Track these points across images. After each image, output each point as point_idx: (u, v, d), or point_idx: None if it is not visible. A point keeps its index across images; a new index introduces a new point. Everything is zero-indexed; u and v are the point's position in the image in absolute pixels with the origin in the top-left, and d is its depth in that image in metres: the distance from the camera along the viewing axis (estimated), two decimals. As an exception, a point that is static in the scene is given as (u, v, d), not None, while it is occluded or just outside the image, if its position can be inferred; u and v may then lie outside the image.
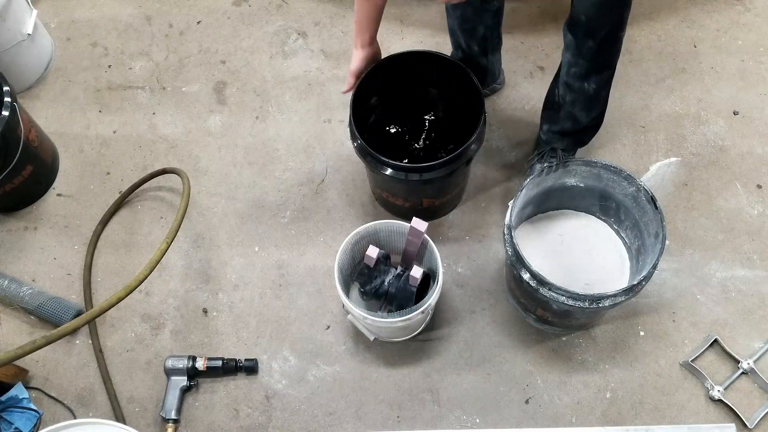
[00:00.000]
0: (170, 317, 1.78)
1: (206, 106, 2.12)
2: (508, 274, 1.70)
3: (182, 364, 1.65)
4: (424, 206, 1.80)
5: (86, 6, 2.35)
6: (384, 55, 1.67)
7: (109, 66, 2.21)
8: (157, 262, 1.49)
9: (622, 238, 1.73)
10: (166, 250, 1.53)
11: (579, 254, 1.73)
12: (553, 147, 1.81)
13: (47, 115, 2.11)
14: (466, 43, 1.81)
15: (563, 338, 1.71)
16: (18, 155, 1.78)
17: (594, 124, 1.78)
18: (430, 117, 1.90)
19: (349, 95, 1.63)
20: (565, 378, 1.67)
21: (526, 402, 1.65)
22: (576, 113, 1.71)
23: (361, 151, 1.62)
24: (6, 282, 1.77)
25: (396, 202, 1.80)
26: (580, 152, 1.93)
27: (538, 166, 1.80)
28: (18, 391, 1.62)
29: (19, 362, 1.65)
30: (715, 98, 2.05)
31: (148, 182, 1.95)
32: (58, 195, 1.98)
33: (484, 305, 1.76)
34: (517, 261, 1.48)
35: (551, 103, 1.77)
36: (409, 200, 1.77)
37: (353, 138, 1.63)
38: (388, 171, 1.59)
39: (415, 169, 1.58)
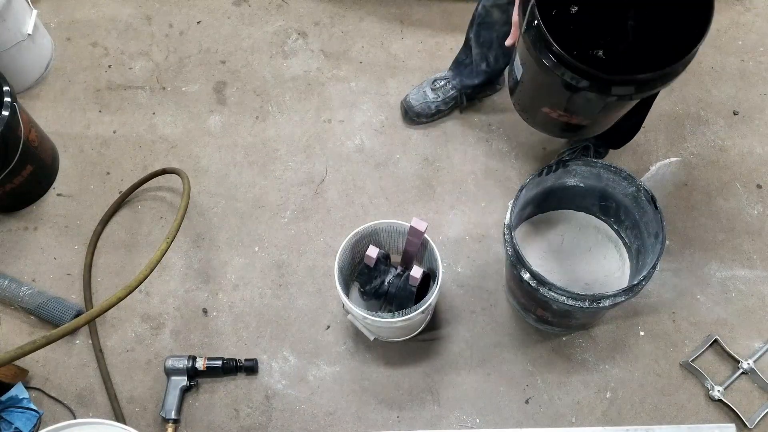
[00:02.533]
0: (170, 317, 1.78)
1: (206, 106, 2.12)
2: (508, 274, 1.70)
3: (182, 364, 1.65)
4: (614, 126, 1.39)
5: (86, 6, 2.35)
6: None
7: (109, 66, 2.21)
8: (157, 262, 1.49)
9: (622, 238, 1.72)
10: (166, 250, 1.53)
11: (579, 254, 1.73)
12: (586, 145, 1.79)
13: (47, 115, 2.11)
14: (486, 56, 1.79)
15: (563, 338, 1.71)
16: (18, 155, 1.77)
17: (630, 132, 1.77)
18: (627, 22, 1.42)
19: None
20: (565, 378, 1.67)
21: (526, 402, 1.65)
22: None
23: (548, 55, 1.08)
24: (6, 282, 1.77)
25: (571, 121, 1.36)
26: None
27: None
28: (18, 391, 1.62)
29: (19, 362, 1.65)
30: (715, 98, 2.05)
31: (148, 182, 1.94)
32: (58, 195, 1.98)
33: (484, 305, 1.76)
34: (517, 261, 1.48)
35: None
36: (597, 122, 1.35)
37: (528, 24, 1.08)
38: (588, 86, 1.09)
39: (628, 81, 1.08)
